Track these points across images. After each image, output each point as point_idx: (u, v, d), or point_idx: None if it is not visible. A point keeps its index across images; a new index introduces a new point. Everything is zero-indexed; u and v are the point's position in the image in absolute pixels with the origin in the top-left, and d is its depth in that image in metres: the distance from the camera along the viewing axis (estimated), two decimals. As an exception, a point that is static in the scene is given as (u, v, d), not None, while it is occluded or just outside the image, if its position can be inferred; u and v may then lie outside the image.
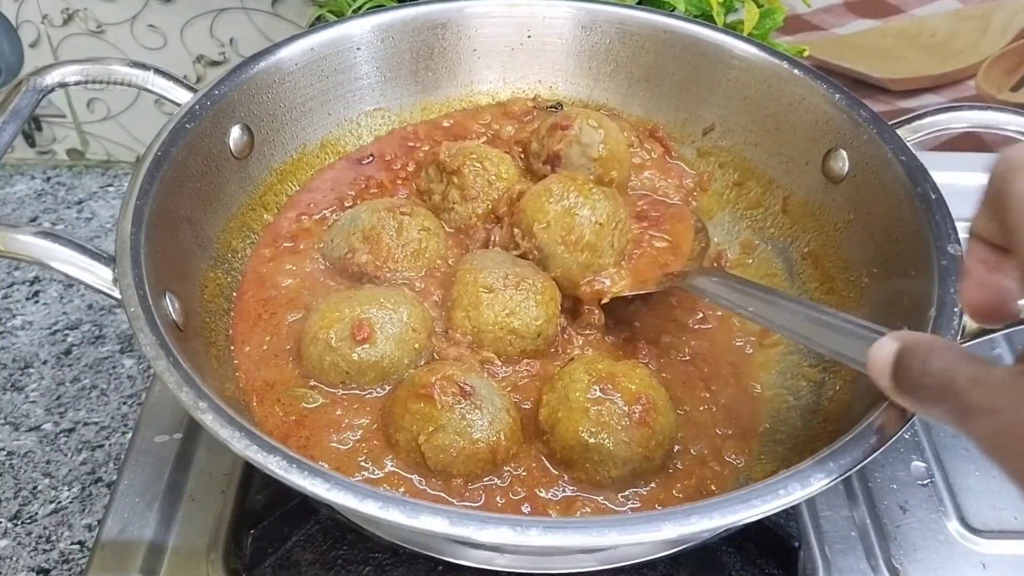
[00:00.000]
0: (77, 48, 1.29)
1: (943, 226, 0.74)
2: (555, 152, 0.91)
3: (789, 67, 0.91)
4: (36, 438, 0.99)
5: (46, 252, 0.68)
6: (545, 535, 0.54)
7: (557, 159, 0.91)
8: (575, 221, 0.81)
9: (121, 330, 1.11)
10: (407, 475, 0.71)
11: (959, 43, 1.32)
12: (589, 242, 0.81)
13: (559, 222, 0.81)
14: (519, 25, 1.01)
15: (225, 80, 0.85)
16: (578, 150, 0.90)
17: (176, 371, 0.61)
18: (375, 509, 0.54)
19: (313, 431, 0.74)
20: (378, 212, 0.85)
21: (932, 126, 0.87)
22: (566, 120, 0.91)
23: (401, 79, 1.00)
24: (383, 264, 0.83)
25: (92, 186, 1.36)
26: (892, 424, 0.61)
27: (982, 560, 0.83)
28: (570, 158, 0.90)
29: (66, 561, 0.88)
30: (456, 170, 0.88)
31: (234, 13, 1.26)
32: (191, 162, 0.80)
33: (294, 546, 0.79)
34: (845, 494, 0.86)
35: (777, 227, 0.93)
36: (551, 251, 0.81)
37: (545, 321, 0.79)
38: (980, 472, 0.90)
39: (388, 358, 0.76)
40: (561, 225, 0.81)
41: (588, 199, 0.82)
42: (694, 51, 0.97)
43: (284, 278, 0.86)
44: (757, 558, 0.79)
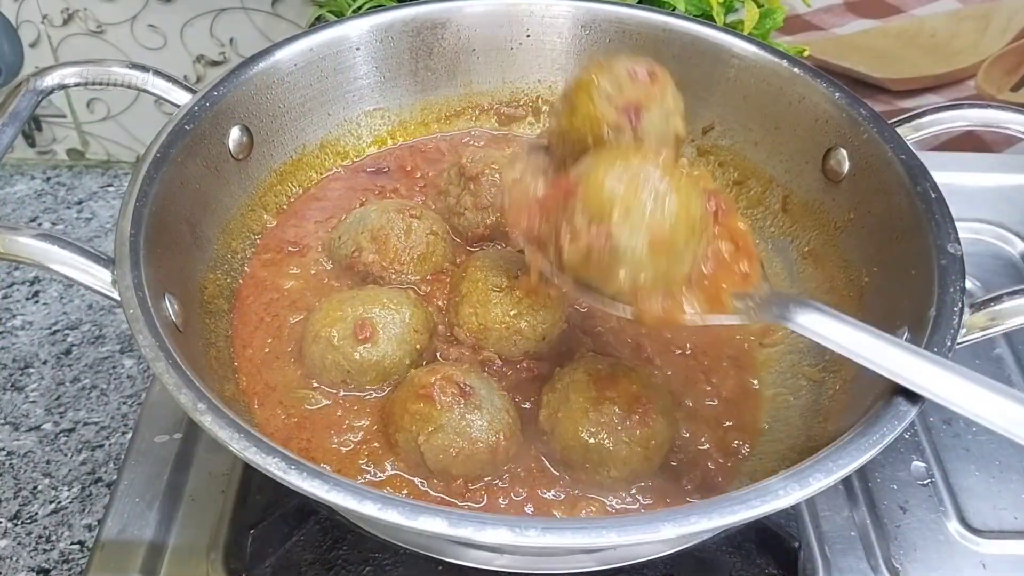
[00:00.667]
0: (77, 48, 1.29)
1: (943, 225, 0.74)
2: (636, 103, 0.71)
3: (789, 66, 0.91)
4: (36, 438, 0.99)
5: (45, 254, 0.68)
6: (544, 536, 0.54)
7: (637, 112, 0.71)
8: (666, 214, 0.61)
9: (121, 330, 1.11)
10: (409, 477, 0.71)
11: (959, 43, 1.32)
12: (677, 247, 0.62)
13: (647, 212, 0.61)
14: (519, 24, 1.01)
15: (224, 81, 0.85)
16: (660, 114, 0.72)
17: (175, 372, 0.61)
18: (374, 510, 0.54)
19: (314, 433, 0.74)
20: (387, 213, 0.85)
21: (932, 124, 0.86)
22: (651, 66, 0.73)
23: (401, 79, 1.00)
24: (389, 265, 0.83)
25: (92, 186, 1.36)
26: (892, 424, 0.61)
27: (982, 560, 0.83)
28: (652, 120, 0.71)
29: (66, 561, 0.89)
30: (474, 176, 0.88)
31: (234, 13, 1.26)
32: (190, 163, 0.80)
33: (294, 546, 0.79)
34: (845, 494, 0.86)
35: (777, 226, 0.93)
36: (628, 250, 0.61)
37: (551, 325, 0.79)
38: (980, 472, 0.90)
39: (389, 358, 0.76)
40: (650, 217, 0.61)
41: (683, 188, 0.63)
42: (694, 50, 0.96)
43: (286, 280, 0.86)
44: (757, 558, 0.79)
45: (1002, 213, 1.17)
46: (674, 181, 0.62)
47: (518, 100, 1.05)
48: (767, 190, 0.94)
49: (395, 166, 0.99)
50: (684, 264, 0.64)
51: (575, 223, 0.62)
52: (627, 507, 0.71)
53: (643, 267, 0.62)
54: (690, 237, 0.63)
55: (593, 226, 0.62)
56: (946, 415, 0.94)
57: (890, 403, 0.62)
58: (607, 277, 0.63)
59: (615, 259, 0.62)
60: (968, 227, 1.13)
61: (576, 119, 0.71)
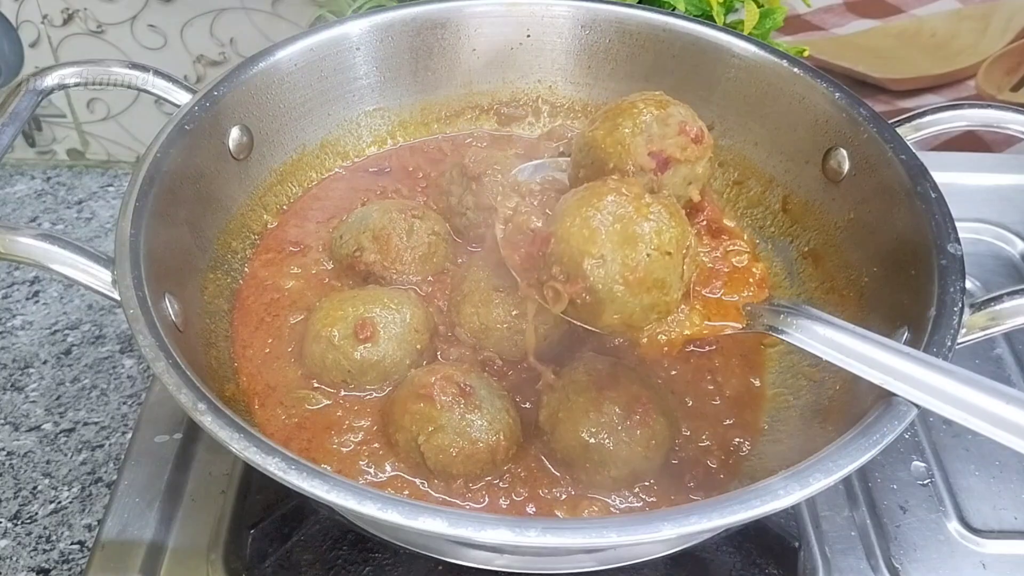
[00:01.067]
0: (77, 48, 1.29)
1: (943, 225, 0.74)
2: (669, 156, 0.71)
3: (789, 66, 0.91)
4: (36, 438, 0.99)
5: (45, 254, 0.68)
6: (544, 535, 0.54)
7: (664, 166, 0.71)
8: (638, 251, 0.63)
9: (121, 330, 1.11)
10: (410, 478, 0.71)
11: (959, 43, 1.32)
12: (658, 278, 0.63)
13: (618, 253, 0.63)
14: (519, 24, 1.01)
15: (224, 81, 0.85)
16: (685, 177, 0.73)
17: (175, 372, 0.61)
18: (374, 510, 0.54)
19: (315, 433, 0.74)
20: (389, 213, 0.85)
21: (932, 124, 0.86)
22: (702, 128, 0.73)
23: (401, 79, 1.00)
24: (391, 265, 0.83)
25: (92, 186, 1.36)
26: (892, 424, 0.60)
27: (982, 560, 0.83)
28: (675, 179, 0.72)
29: (66, 561, 0.89)
30: (476, 176, 0.88)
31: (234, 13, 1.26)
32: (190, 163, 0.80)
33: (294, 546, 0.79)
34: (845, 494, 0.86)
35: (777, 226, 0.93)
36: (608, 294, 0.63)
37: (552, 325, 0.79)
38: (980, 472, 0.89)
39: (390, 358, 0.76)
40: (621, 258, 0.63)
41: (650, 218, 0.64)
42: (694, 50, 0.96)
43: (287, 280, 0.86)
44: (757, 558, 0.79)
45: (1002, 213, 1.17)
46: (642, 212, 0.63)
47: (518, 100, 1.05)
48: (767, 190, 0.94)
49: (397, 166, 0.99)
50: (672, 290, 0.65)
51: (553, 274, 0.65)
52: (630, 506, 0.71)
53: (629, 306, 0.64)
54: (670, 265, 0.63)
55: (569, 281, 0.64)
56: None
57: (890, 403, 0.61)
58: (597, 319, 0.65)
59: (600, 305, 0.64)
60: (968, 227, 1.13)
61: (609, 139, 0.72)
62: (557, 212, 0.66)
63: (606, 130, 0.72)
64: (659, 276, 0.63)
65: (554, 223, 0.66)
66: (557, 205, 0.68)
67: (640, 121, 0.71)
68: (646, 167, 0.70)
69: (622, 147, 0.71)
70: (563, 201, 0.67)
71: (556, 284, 0.64)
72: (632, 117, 0.72)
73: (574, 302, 0.64)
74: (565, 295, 0.64)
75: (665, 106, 0.72)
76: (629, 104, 0.73)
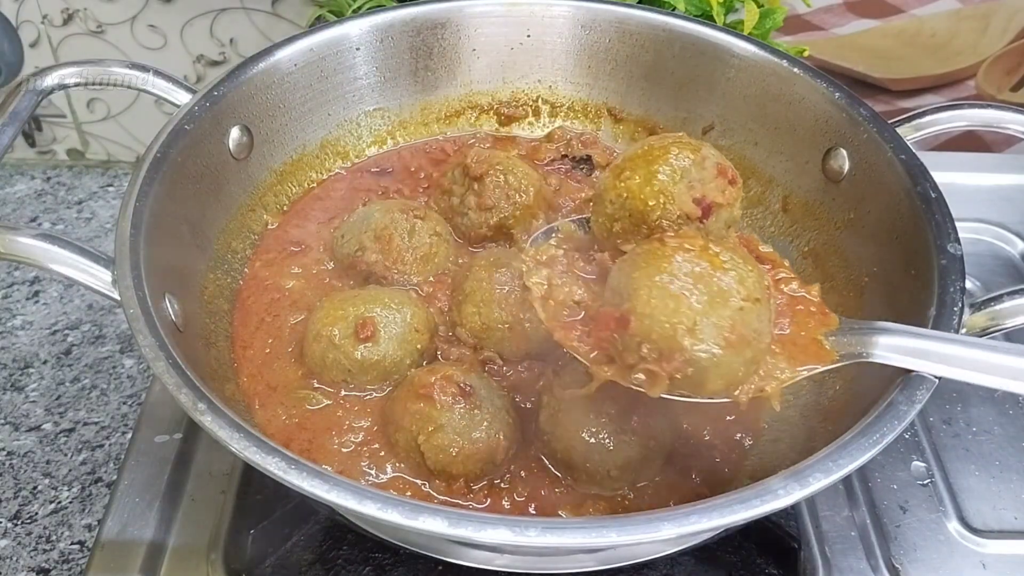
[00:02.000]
0: (77, 48, 1.29)
1: (943, 225, 0.74)
2: (713, 201, 0.67)
3: (789, 66, 0.91)
4: (36, 438, 0.99)
5: (45, 254, 0.68)
6: (544, 535, 0.54)
7: (709, 211, 0.67)
8: (730, 307, 0.59)
9: (121, 330, 1.11)
10: (411, 479, 0.71)
11: (959, 43, 1.32)
12: (754, 328, 0.60)
13: (712, 316, 0.58)
14: (518, 24, 1.01)
15: (224, 81, 0.85)
16: (726, 220, 0.68)
17: (175, 372, 0.61)
18: (374, 510, 0.54)
19: (315, 434, 0.74)
20: (391, 213, 0.85)
21: (932, 124, 0.86)
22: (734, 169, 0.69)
23: (401, 79, 1.00)
24: (392, 265, 0.83)
25: (92, 186, 1.36)
26: (892, 424, 0.60)
27: (982, 560, 0.83)
28: (718, 224, 0.68)
29: (66, 561, 0.89)
30: (479, 177, 0.88)
31: (234, 13, 1.26)
32: (190, 163, 0.80)
33: (294, 546, 0.79)
34: (845, 494, 0.86)
35: (777, 226, 0.93)
36: (711, 361, 0.59)
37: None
38: (980, 472, 0.89)
39: (390, 357, 0.76)
40: (716, 319, 0.58)
41: (727, 268, 0.60)
42: (694, 50, 0.96)
43: (288, 280, 0.86)
44: (757, 558, 0.79)
45: (1002, 213, 1.17)
46: (717, 264, 0.60)
47: (518, 100, 1.05)
48: (767, 190, 0.94)
49: (399, 167, 0.99)
50: (766, 336, 0.61)
51: (643, 356, 0.59)
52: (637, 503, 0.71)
53: (734, 367, 0.60)
54: (762, 311, 0.60)
55: (664, 359, 0.58)
56: (946, 415, 0.94)
57: (890, 403, 0.62)
58: (700, 389, 0.60)
59: (703, 375, 0.59)
60: (968, 227, 1.13)
61: (648, 189, 0.66)
62: (623, 286, 0.61)
63: (643, 179, 0.66)
64: (755, 326, 0.60)
65: (627, 299, 0.60)
66: (615, 277, 0.63)
67: (678, 167, 0.66)
68: (692, 215, 0.66)
69: (664, 196, 0.65)
70: (622, 273, 0.62)
71: (650, 366, 0.59)
72: (669, 163, 0.66)
73: (673, 378, 0.59)
74: (664, 375, 0.59)
75: (698, 149, 0.68)
76: (660, 149, 0.68)
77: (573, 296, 0.68)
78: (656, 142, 0.69)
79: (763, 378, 0.62)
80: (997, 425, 0.93)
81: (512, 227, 0.87)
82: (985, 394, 0.96)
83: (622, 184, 0.67)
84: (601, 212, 0.69)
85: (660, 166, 0.66)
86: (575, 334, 0.65)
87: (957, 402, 0.95)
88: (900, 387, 0.63)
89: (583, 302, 0.68)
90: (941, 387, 0.63)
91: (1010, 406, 0.95)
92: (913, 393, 0.62)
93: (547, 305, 0.68)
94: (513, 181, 0.88)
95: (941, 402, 0.95)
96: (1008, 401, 0.96)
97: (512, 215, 0.87)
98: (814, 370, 0.64)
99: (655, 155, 0.67)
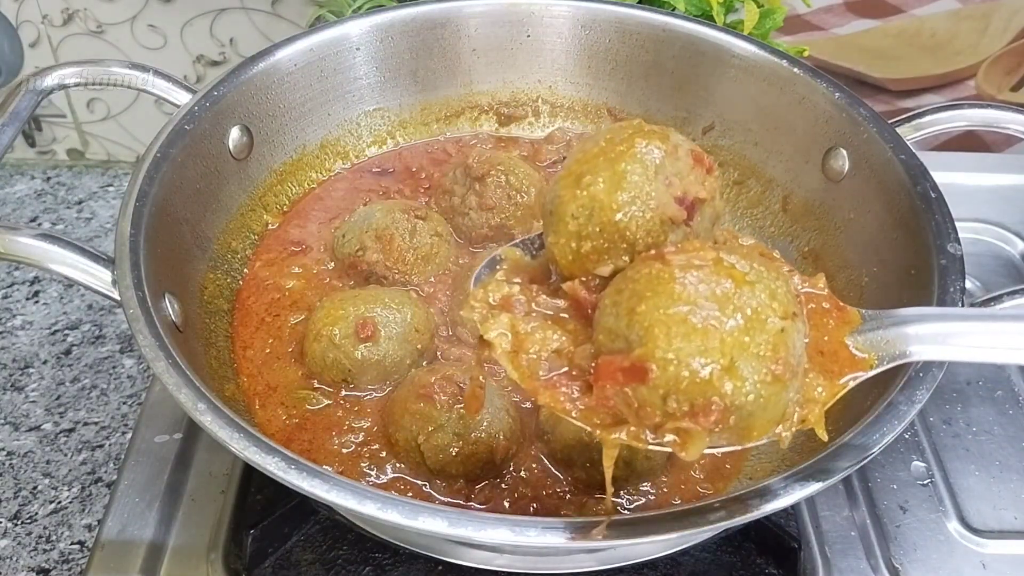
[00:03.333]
0: (77, 48, 1.29)
1: (943, 225, 0.74)
2: (695, 195, 0.55)
3: (789, 66, 0.91)
4: (36, 438, 0.99)
5: (45, 254, 0.68)
6: (543, 535, 0.54)
7: (693, 208, 0.55)
8: (768, 330, 0.48)
9: (121, 330, 1.11)
10: (413, 480, 0.71)
11: (959, 43, 1.32)
12: (798, 350, 0.49)
13: (750, 347, 0.47)
14: (518, 24, 1.01)
15: (224, 81, 0.85)
16: (711, 215, 0.57)
17: (175, 372, 0.61)
18: (374, 510, 0.54)
19: (315, 434, 0.74)
20: (392, 213, 0.85)
21: (932, 124, 0.86)
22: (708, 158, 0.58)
23: (400, 79, 1.00)
24: (393, 265, 0.84)
25: (92, 186, 1.36)
26: (891, 424, 0.60)
27: (982, 560, 0.83)
28: (704, 222, 0.57)
29: (66, 561, 0.88)
30: (480, 177, 0.88)
31: (234, 13, 1.26)
32: (190, 163, 0.80)
33: (294, 546, 0.79)
34: (845, 494, 0.86)
35: (777, 226, 0.93)
36: (757, 404, 0.48)
37: None
38: (980, 472, 0.89)
39: (390, 358, 0.76)
40: (755, 350, 0.47)
41: (752, 281, 0.49)
42: (693, 50, 0.96)
43: (288, 280, 0.86)
44: (757, 558, 0.79)
45: (1002, 213, 1.17)
46: (739, 279, 0.48)
47: (518, 100, 1.05)
48: (767, 190, 0.94)
49: (401, 167, 0.99)
50: (804, 357, 0.50)
51: (670, 412, 0.47)
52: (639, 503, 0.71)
53: (782, 402, 0.49)
54: (799, 327, 0.49)
55: (700, 412, 0.47)
56: (946, 415, 0.94)
57: (890, 403, 0.61)
58: (746, 438, 0.49)
59: (749, 420, 0.48)
60: (968, 227, 1.13)
61: (620, 195, 0.53)
62: (626, 326, 0.49)
63: (609, 182, 0.53)
64: (799, 348, 0.49)
65: (636, 343, 0.48)
66: (609, 315, 0.50)
67: (650, 162, 0.54)
68: (676, 219, 0.54)
69: (641, 201, 0.53)
70: (620, 308, 0.50)
71: (682, 424, 0.47)
72: (637, 159, 0.54)
73: (712, 435, 0.48)
74: (702, 432, 0.47)
75: (666, 136, 0.56)
76: (622, 142, 0.55)
77: (549, 345, 0.54)
78: (613, 134, 0.56)
79: (802, 405, 0.51)
80: (997, 425, 0.93)
81: (513, 228, 0.88)
82: (985, 394, 0.96)
83: (584, 193, 0.54)
84: (561, 231, 0.55)
85: (628, 163, 0.54)
86: (564, 393, 0.52)
87: (957, 402, 0.95)
88: (900, 386, 0.63)
89: (563, 350, 0.53)
90: (941, 387, 0.62)
91: (1010, 406, 0.95)
92: (913, 393, 0.62)
93: (518, 362, 0.54)
94: (515, 181, 0.88)
95: (941, 402, 0.95)
96: (1008, 401, 0.96)
97: (513, 215, 0.87)
98: (858, 379, 0.53)
99: (618, 151, 0.54)
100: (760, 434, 0.49)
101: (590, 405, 0.51)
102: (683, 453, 0.48)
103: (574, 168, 0.56)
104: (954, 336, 0.53)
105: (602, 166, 0.54)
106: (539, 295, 0.56)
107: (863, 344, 0.54)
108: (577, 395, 0.52)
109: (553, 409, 0.52)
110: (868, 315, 0.56)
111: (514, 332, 0.54)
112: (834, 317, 0.55)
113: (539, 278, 0.58)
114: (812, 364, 0.52)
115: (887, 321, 0.55)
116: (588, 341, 0.52)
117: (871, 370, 0.54)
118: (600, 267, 0.54)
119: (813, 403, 0.51)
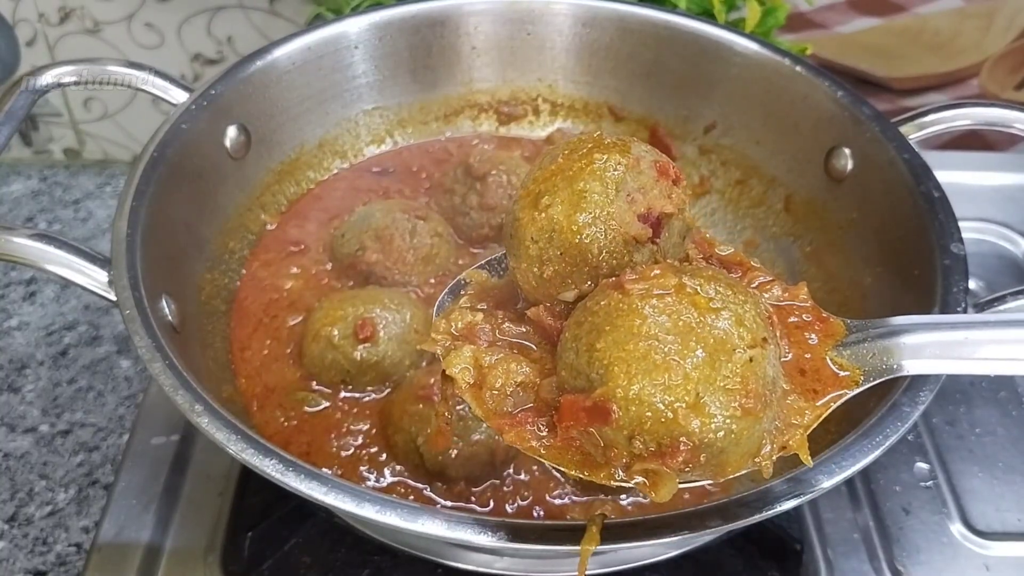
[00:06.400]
0: (74, 47, 1.29)
1: (946, 225, 0.73)
2: (659, 210, 0.52)
3: (791, 64, 0.90)
4: (32, 440, 0.99)
5: (41, 255, 0.68)
6: (543, 538, 0.53)
7: (659, 224, 0.52)
8: (735, 361, 0.45)
9: (118, 331, 1.10)
10: (413, 483, 0.71)
11: (962, 41, 1.32)
12: (768, 378, 0.47)
13: (716, 380, 0.45)
14: (518, 22, 1.00)
15: (221, 80, 0.85)
16: (679, 229, 0.54)
17: (172, 374, 0.61)
18: (373, 512, 0.54)
19: (314, 437, 0.74)
20: (392, 213, 0.85)
21: (936, 123, 0.86)
22: (674, 168, 0.54)
23: (399, 78, 0.99)
24: (393, 265, 0.83)
25: (89, 185, 1.35)
26: (894, 426, 0.60)
27: (985, 562, 0.82)
28: (671, 238, 0.54)
29: (63, 563, 0.88)
30: (481, 176, 0.88)
31: (231, 11, 1.26)
32: (187, 163, 0.80)
33: (292, 549, 0.78)
34: (848, 496, 0.85)
35: (780, 226, 0.92)
36: (729, 439, 0.45)
37: None
38: (983, 474, 0.89)
39: (389, 358, 0.75)
40: (722, 383, 0.45)
41: (717, 307, 0.46)
42: (695, 48, 0.96)
43: (286, 281, 0.86)
44: (759, 560, 0.79)
45: (1006, 212, 1.17)
46: (702, 306, 0.46)
47: (518, 99, 1.04)
48: (769, 189, 0.94)
49: (401, 167, 0.99)
50: (780, 382, 0.48)
51: (636, 453, 0.45)
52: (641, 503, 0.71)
53: (756, 435, 0.46)
54: (772, 352, 0.47)
55: (668, 452, 0.44)
56: (949, 417, 0.94)
57: (893, 404, 0.61)
58: (720, 473, 0.47)
59: (721, 457, 0.46)
60: (971, 227, 1.13)
61: (579, 217, 0.51)
62: (587, 363, 0.46)
63: (568, 203, 0.51)
64: (770, 375, 0.46)
65: (598, 380, 0.46)
66: (570, 351, 0.48)
67: (610, 178, 0.51)
68: (641, 238, 0.51)
69: (602, 221, 0.50)
70: (580, 343, 0.47)
71: (648, 465, 0.45)
72: (597, 176, 0.51)
73: (682, 472, 0.46)
74: (671, 472, 0.45)
75: (626, 148, 0.52)
76: (580, 158, 0.52)
77: (514, 377, 0.51)
78: (572, 149, 0.53)
79: (782, 431, 0.48)
80: (1001, 426, 0.93)
81: None
82: (989, 395, 0.95)
83: (542, 216, 0.51)
84: (522, 255, 0.53)
85: (586, 181, 0.51)
86: (531, 431, 0.50)
87: (960, 403, 0.95)
88: (903, 388, 0.62)
89: (528, 382, 0.51)
90: (944, 388, 0.62)
91: (1014, 407, 0.95)
92: (916, 394, 0.61)
93: (481, 397, 0.51)
94: (516, 181, 0.87)
95: (944, 403, 0.95)
96: (1011, 402, 0.95)
97: None
98: (841, 399, 0.50)
99: (576, 167, 0.52)
100: (736, 468, 0.47)
101: (555, 443, 0.49)
102: (653, 495, 0.46)
103: (532, 188, 0.53)
104: (947, 347, 0.51)
105: (560, 185, 0.52)
106: (504, 322, 0.54)
107: (848, 358, 0.52)
108: (544, 432, 0.50)
109: (520, 448, 0.50)
110: (853, 325, 0.53)
111: (478, 365, 0.52)
112: (817, 330, 0.52)
113: (506, 301, 0.56)
114: (793, 385, 0.50)
115: (873, 332, 0.52)
116: (555, 372, 0.50)
117: (856, 388, 0.51)
118: (564, 292, 0.52)
119: (795, 428, 0.48)
